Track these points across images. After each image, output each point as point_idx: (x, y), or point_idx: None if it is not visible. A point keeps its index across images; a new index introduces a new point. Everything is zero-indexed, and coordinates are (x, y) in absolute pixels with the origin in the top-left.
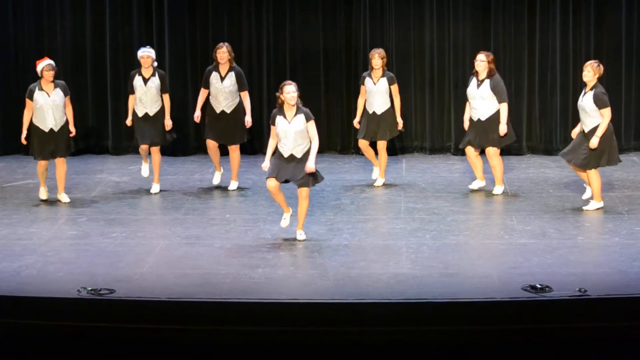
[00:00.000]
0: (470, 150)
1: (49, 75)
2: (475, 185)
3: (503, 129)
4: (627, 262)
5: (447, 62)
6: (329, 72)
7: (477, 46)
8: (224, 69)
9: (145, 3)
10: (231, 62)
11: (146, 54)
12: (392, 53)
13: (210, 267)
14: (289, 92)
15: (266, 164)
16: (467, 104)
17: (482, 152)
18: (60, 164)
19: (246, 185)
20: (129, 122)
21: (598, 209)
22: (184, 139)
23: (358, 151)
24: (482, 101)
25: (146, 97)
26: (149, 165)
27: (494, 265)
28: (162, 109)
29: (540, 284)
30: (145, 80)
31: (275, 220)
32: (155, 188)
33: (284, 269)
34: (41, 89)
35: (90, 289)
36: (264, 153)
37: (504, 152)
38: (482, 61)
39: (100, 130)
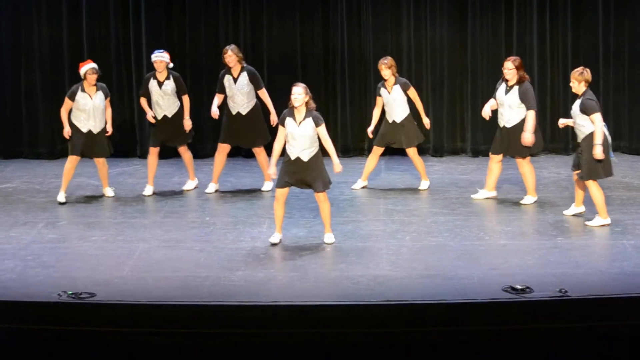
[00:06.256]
0: (494, 157)
1: (92, 78)
2: (480, 195)
3: (527, 137)
4: (606, 262)
5: (424, 64)
6: (306, 74)
7: (455, 47)
8: (235, 70)
9: (122, 3)
10: (241, 62)
11: (159, 58)
12: (370, 55)
13: (190, 270)
14: (294, 93)
15: (272, 170)
16: (492, 99)
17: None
18: (102, 164)
19: (225, 188)
20: (150, 117)
21: (603, 225)
22: None
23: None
24: (509, 109)
25: (162, 100)
26: (152, 187)
27: (474, 266)
28: (180, 110)
29: (520, 285)
30: (160, 84)
31: (255, 223)
32: (189, 185)
33: (264, 272)
34: (84, 90)
35: (70, 292)
36: (243, 156)
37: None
38: (509, 69)
39: None
